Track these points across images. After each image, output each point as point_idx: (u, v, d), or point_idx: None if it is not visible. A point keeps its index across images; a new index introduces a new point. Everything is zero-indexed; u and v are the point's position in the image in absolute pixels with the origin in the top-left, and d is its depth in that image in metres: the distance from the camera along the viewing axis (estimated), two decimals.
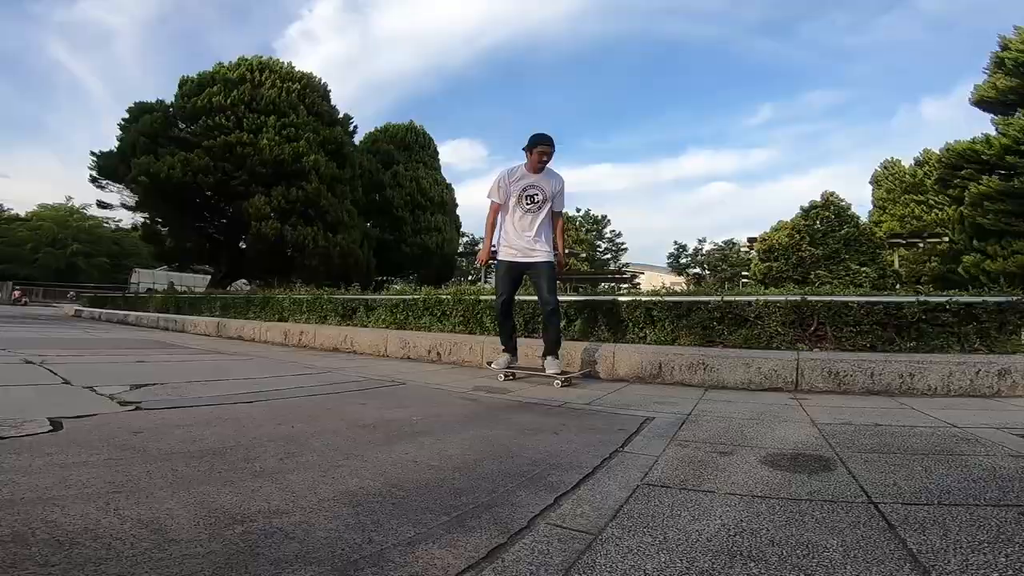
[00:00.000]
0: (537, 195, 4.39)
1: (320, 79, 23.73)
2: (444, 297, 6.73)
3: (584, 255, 39.72)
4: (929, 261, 22.30)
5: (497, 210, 4.56)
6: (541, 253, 4.41)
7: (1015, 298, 4.32)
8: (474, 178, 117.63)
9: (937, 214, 25.21)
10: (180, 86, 21.26)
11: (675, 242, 42.28)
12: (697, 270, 43.52)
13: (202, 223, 22.24)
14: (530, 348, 5.02)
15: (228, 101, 19.93)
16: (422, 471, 1.82)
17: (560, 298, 4.95)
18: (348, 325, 7.98)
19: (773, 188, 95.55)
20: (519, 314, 5.98)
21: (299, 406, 3.02)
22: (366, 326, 7.72)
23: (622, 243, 46.59)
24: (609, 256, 46.55)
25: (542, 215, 4.42)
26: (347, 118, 24.76)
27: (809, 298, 4.71)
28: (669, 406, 3.38)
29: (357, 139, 26.27)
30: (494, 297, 6.47)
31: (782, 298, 4.81)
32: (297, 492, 1.53)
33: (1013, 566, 1.11)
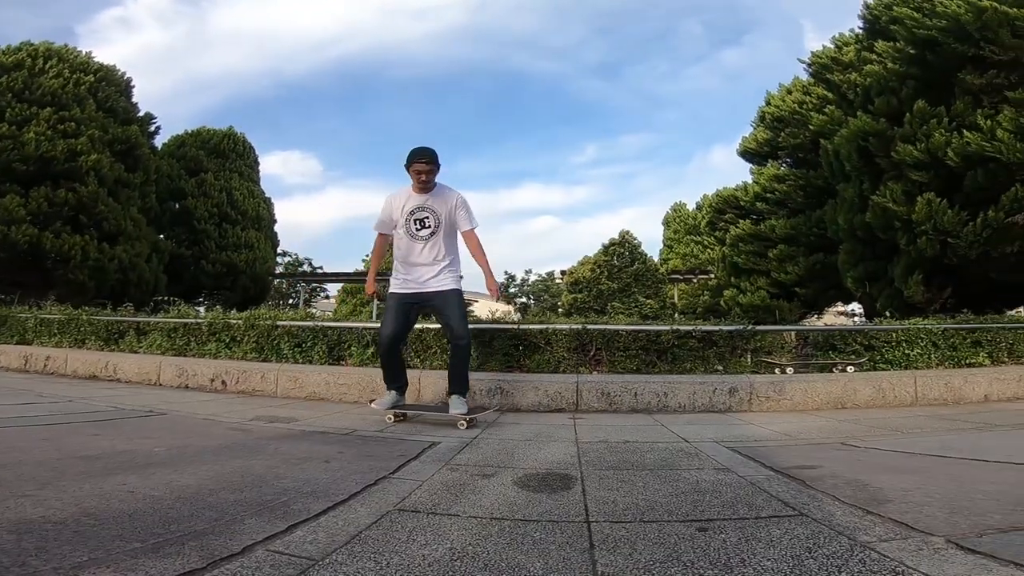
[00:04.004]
0: (428, 219, 3.76)
1: (123, 73, 20.13)
2: (234, 321, 6.13)
3: None
4: (702, 295, 26.27)
5: (384, 241, 3.97)
6: (444, 281, 3.78)
7: (742, 326, 5.25)
8: (303, 193, 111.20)
9: (709, 253, 29.75)
10: None
11: (505, 272, 43.89)
12: (523, 299, 45.93)
13: None
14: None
15: None
16: (135, 500, 1.69)
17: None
18: (112, 351, 6.84)
19: (591, 224, 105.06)
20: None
21: (4, 437, 2.68)
22: (136, 351, 6.69)
23: None
24: None
25: (439, 240, 3.78)
26: (148, 117, 21.32)
27: (589, 326, 5.20)
28: (457, 430, 3.44)
29: (160, 141, 22.92)
30: (293, 322, 6.06)
31: (567, 326, 5.24)
32: None
33: None
